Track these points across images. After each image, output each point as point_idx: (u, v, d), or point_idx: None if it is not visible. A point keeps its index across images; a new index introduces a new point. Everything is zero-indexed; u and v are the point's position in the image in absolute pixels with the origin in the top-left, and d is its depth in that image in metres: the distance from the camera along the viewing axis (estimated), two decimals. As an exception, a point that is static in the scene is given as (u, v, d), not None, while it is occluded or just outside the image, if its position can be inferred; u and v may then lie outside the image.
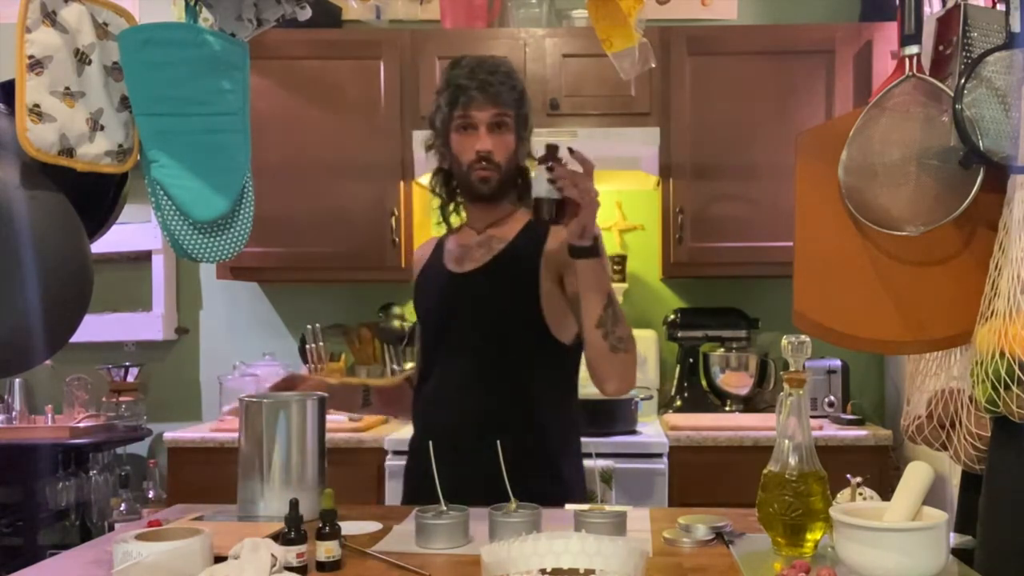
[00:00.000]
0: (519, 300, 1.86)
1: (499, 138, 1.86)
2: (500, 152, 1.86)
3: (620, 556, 1.19)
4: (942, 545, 1.21)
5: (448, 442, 1.74)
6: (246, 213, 1.71)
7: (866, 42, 3.11)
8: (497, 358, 1.86)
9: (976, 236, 1.51)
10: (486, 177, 1.87)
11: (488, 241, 1.93)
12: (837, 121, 1.88)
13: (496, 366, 1.87)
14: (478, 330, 1.89)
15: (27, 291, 1.51)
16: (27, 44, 1.50)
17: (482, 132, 1.85)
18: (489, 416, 1.83)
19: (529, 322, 1.86)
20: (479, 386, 1.87)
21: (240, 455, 1.70)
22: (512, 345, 1.87)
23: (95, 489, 3.21)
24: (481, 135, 1.85)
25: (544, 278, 1.85)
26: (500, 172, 1.87)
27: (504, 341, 1.87)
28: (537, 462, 1.82)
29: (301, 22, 1.85)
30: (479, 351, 1.88)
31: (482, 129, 1.86)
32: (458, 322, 1.92)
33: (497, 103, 1.85)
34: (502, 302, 1.88)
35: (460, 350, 1.90)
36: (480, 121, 1.85)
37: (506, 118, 1.86)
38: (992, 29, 1.53)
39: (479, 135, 1.85)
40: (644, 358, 3.33)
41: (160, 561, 1.26)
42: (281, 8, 1.76)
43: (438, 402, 1.92)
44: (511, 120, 1.87)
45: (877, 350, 1.75)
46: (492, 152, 1.85)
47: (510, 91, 1.87)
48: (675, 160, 3.16)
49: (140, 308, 3.56)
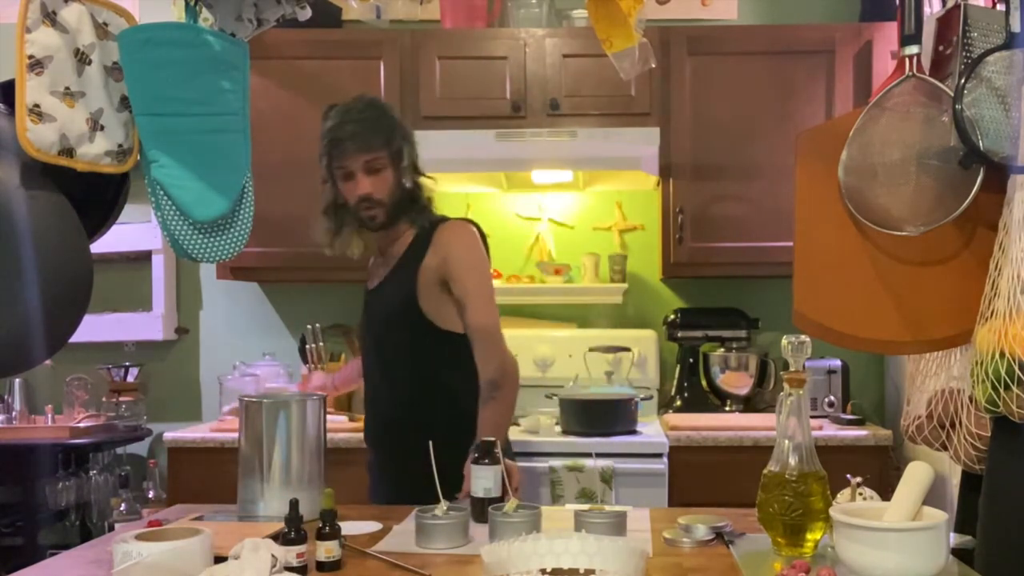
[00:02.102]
0: (400, 296, 2.11)
1: (377, 178, 2.10)
2: (380, 190, 2.10)
3: (620, 556, 1.19)
4: (942, 545, 1.21)
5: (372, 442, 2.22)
6: (246, 213, 1.71)
7: (866, 42, 3.11)
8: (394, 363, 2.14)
9: (976, 236, 1.51)
10: (372, 215, 2.12)
11: (387, 260, 2.21)
12: (837, 121, 1.88)
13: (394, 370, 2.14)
14: (379, 340, 2.17)
15: (27, 291, 1.51)
16: (27, 44, 1.50)
17: (359, 177, 2.09)
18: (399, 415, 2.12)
19: (416, 322, 2.10)
20: (385, 390, 2.16)
21: (240, 455, 1.70)
22: (412, 349, 2.11)
23: (95, 489, 3.21)
24: (359, 180, 2.09)
25: (422, 285, 2.09)
26: (385, 206, 2.11)
27: (398, 345, 2.12)
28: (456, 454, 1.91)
29: (301, 22, 1.85)
30: (380, 361, 2.17)
31: (359, 175, 2.09)
32: (368, 335, 2.23)
33: (367, 149, 2.07)
34: (392, 313, 2.13)
35: (370, 360, 2.22)
36: (355, 168, 2.09)
37: (378, 160, 2.09)
38: (992, 29, 1.53)
39: (357, 180, 2.09)
40: (644, 358, 3.33)
41: (160, 561, 1.26)
42: (281, 8, 1.76)
43: (365, 405, 2.25)
44: (385, 158, 2.09)
45: (877, 350, 1.75)
46: (371, 193, 2.09)
47: (377, 133, 2.08)
48: (675, 160, 3.16)
49: (140, 308, 3.56)
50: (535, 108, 3.17)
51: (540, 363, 3.37)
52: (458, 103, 3.14)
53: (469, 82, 3.17)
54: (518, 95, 3.16)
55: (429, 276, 2.09)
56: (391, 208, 2.12)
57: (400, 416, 2.12)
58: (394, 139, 2.12)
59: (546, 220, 3.54)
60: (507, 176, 3.32)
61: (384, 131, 2.10)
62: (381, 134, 2.09)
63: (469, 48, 3.18)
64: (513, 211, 3.55)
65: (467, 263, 2.11)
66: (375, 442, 2.23)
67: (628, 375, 3.23)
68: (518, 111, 3.15)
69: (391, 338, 2.14)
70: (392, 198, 2.12)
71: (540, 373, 3.35)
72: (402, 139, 2.14)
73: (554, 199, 3.54)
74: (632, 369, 3.25)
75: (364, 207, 2.10)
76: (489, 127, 3.07)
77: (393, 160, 2.11)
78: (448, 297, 2.10)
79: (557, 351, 3.37)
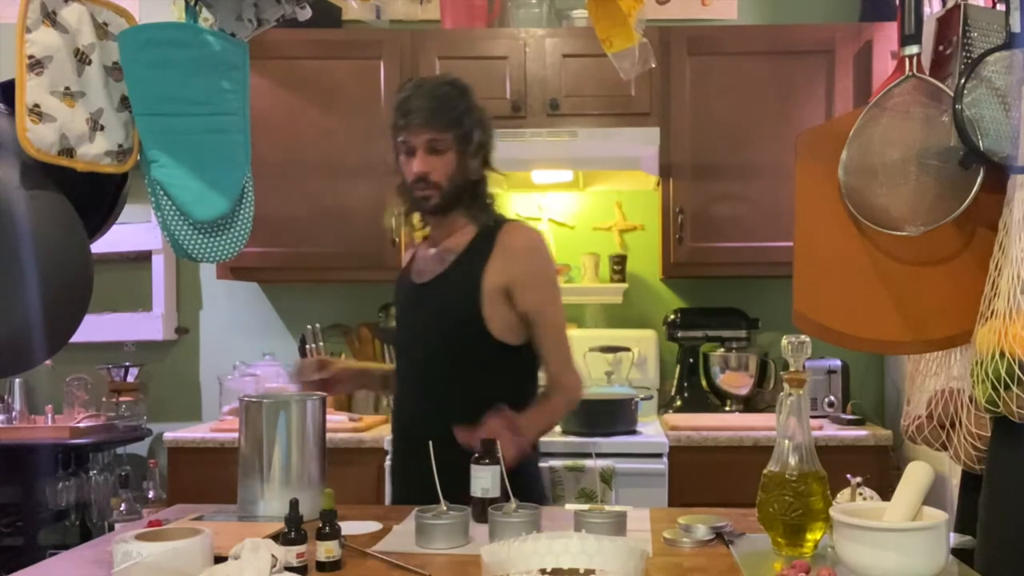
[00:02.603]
0: (463, 307, 1.96)
1: (437, 159, 1.96)
2: (438, 172, 1.96)
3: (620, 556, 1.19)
4: (942, 545, 1.21)
5: (405, 443, 2.01)
6: (246, 213, 1.71)
7: (866, 42, 3.11)
8: (445, 367, 1.97)
9: (976, 236, 1.51)
10: (425, 196, 1.98)
11: (441, 254, 2.04)
12: (837, 121, 1.88)
13: (444, 374, 1.97)
14: (429, 341, 2.00)
15: (27, 291, 1.51)
16: (27, 44, 1.50)
17: (419, 154, 1.96)
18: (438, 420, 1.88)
19: (474, 329, 1.95)
20: (429, 392, 1.99)
21: (240, 455, 1.70)
22: (456, 350, 1.97)
23: (95, 489, 3.21)
24: (419, 157, 1.96)
25: (486, 291, 1.94)
26: (440, 190, 1.97)
27: (450, 347, 1.97)
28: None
29: (301, 22, 1.85)
30: (429, 361, 1.99)
31: (419, 152, 1.96)
32: (413, 332, 2.06)
33: (430, 127, 1.94)
34: (448, 310, 1.98)
35: (414, 359, 2.04)
36: (416, 144, 1.96)
37: (442, 141, 1.95)
38: (992, 29, 1.53)
39: (417, 158, 1.96)
40: (644, 358, 3.33)
41: (160, 561, 1.26)
42: (281, 8, 1.76)
43: (399, 404, 2.07)
44: (449, 140, 1.96)
45: (877, 350, 1.75)
46: (428, 173, 1.96)
47: (445, 113, 1.95)
48: (675, 160, 3.16)
49: (140, 308, 3.56)
50: (535, 108, 3.17)
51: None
52: (458, 103, 3.14)
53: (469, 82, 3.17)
54: (518, 95, 3.16)
55: (493, 281, 1.95)
56: (448, 193, 1.98)
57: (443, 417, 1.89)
58: (463, 122, 1.98)
59: (546, 220, 3.54)
60: (507, 176, 3.28)
61: (454, 112, 1.97)
62: (450, 114, 1.96)
63: (469, 48, 3.18)
64: (513, 211, 3.55)
65: (537, 276, 1.99)
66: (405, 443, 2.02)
67: (628, 375, 3.23)
68: (518, 111, 3.15)
69: (445, 340, 1.98)
70: (451, 183, 1.98)
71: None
72: (474, 125, 2.00)
73: (554, 199, 3.54)
74: (632, 369, 3.25)
75: (419, 187, 1.97)
76: (489, 127, 3.07)
77: (459, 144, 1.97)
78: (507, 306, 1.95)
79: (557, 351, 3.37)
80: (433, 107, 1.95)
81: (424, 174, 1.96)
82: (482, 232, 2.01)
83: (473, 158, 2.00)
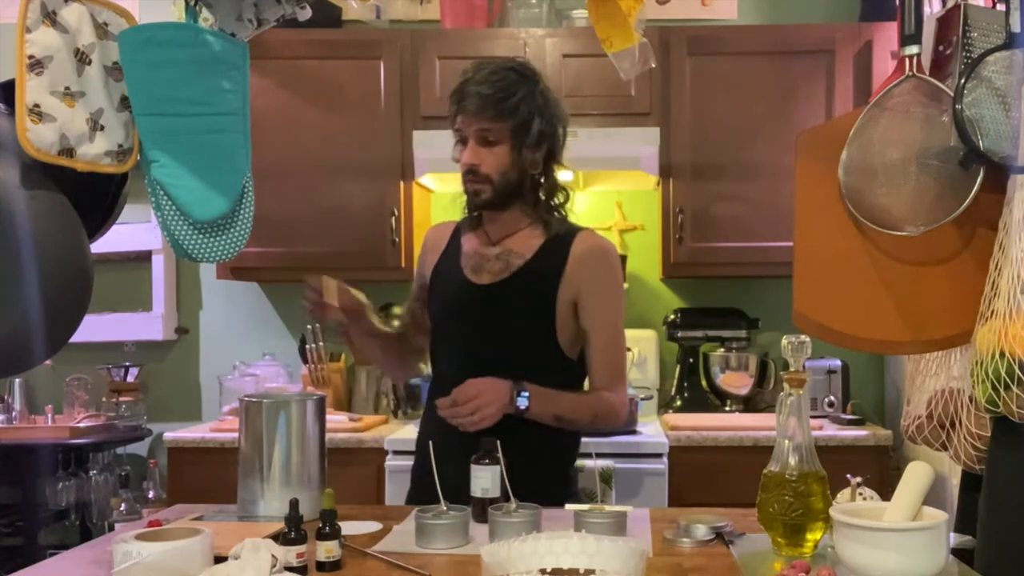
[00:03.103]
0: (535, 319, 1.88)
1: (489, 151, 1.84)
2: (489, 165, 1.85)
3: (620, 556, 1.19)
4: (942, 545, 1.21)
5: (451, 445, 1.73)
6: (246, 213, 1.71)
7: (866, 42, 3.11)
8: (506, 371, 1.84)
9: (976, 236, 1.51)
10: (476, 190, 1.87)
11: (505, 255, 1.92)
12: (837, 121, 1.88)
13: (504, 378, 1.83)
14: (490, 343, 1.89)
15: (27, 291, 1.51)
16: (27, 44, 1.49)
17: (471, 144, 1.85)
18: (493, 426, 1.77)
19: (542, 341, 1.88)
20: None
21: (240, 455, 1.70)
22: (522, 360, 1.87)
23: (95, 489, 3.21)
24: (469, 148, 1.86)
25: (560, 301, 1.87)
26: (492, 184, 1.86)
27: (515, 356, 1.87)
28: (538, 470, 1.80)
29: (301, 22, 1.84)
30: (489, 363, 1.85)
31: (471, 141, 1.85)
32: (471, 332, 1.92)
33: (482, 116, 1.82)
34: (517, 319, 1.88)
35: (470, 359, 1.89)
36: (468, 133, 1.85)
37: (494, 132, 1.83)
38: (992, 29, 1.53)
39: (468, 148, 1.86)
40: (644, 358, 3.33)
41: (160, 561, 1.25)
42: (281, 8, 1.76)
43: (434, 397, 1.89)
44: (504, 131, 1.83)
45: (877, 350, 1.75)
46: (478, 165, 1.85)
47: (501, 102, 1.82)
48: (675, 160, 3.16)
49: (140, 308, 3.56)
50: (535, 108, 3.16)
51: (540, 363, 3.37)
52: (458, 103, 3.14)
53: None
54: (518, 95, 3.16)
55: (566, 295, 1.87)
56: (501, 188, 1.86)
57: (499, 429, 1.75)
58: (521, 111, 1.83)
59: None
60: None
61: (511, 99, 1.82)
62: (506, 102, 1.82)
63: (469, 48, 3.18)
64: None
65: (605, 289, 1.90)
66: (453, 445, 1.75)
67: (628, 375, 3.23)
68: (518, 111, 3.15)
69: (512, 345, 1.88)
70: (504, 178, 1.85)
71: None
72: (535, 115, 1.85)
73: (554, 199, 3.54)
74: (632, 369, 3.25)
75: (469, 178, 1.86)
76: (489, 127, 3.07)
77: (514, 135, 1.84)
78: (575, 319, 1.89)
79: (557, 351, 3.37)
80: (488, 94, 1.81)
81: (474, 166, 1.85)
82: (553, 239, 1.90)
83: (533, 151, 1.87)
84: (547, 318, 1.87)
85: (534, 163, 1.88)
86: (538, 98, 1.87)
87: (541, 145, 1.88)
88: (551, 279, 1.88)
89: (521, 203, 1.91)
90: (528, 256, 1.91)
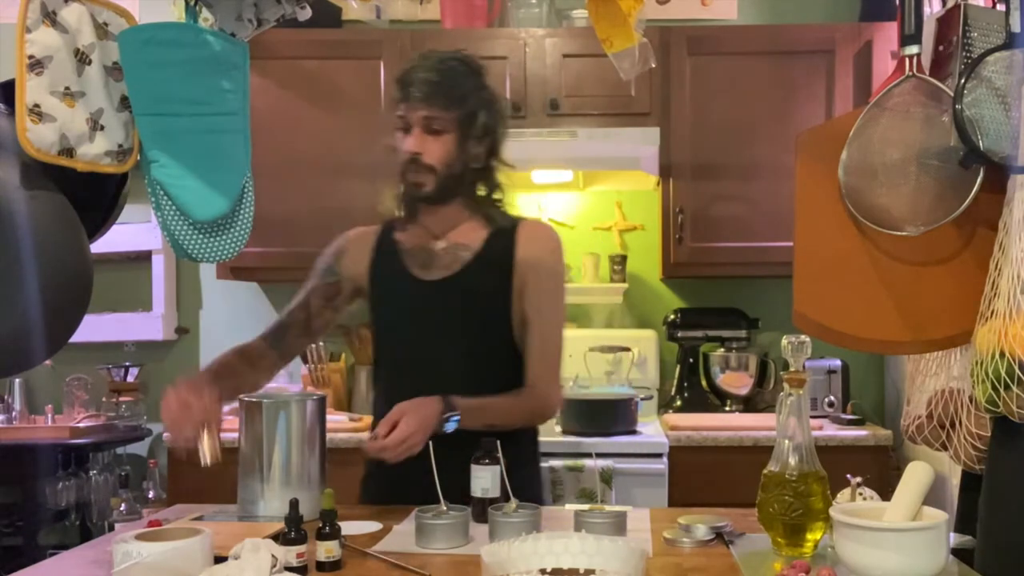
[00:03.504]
0: (491, 311, 1.86)
1: (434, 139, 1.80)
2: (432, 154, 1.80)
3: (620, 556, 1.19)
4: (942, 545, 1.21)
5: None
6: (246, 213, 1.71)
7: (866, 42, 3.11)
8: (469, 369, 1.84)
9: (976, 236, 1.51)
10: (418, 182, 1.83)
11: (453, 248, 1.89)
12: (837, 121, 1.88)
13: (467, 377, 1.83)
14: (444, 339, 1.86)
15: (27, 291, 1.51)
16: (27, 44, 1.49)
17: (415, 132, 1.80)
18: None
19: (496, 334, 1.86)
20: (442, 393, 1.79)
21: (240, 455, 1.70)
22: (475, 355, 1.86)
23: (95, 489, 3.20)
24: (413, 135, 1.81)
25: (514, 290, 1.86)
26: (435, 175, 1.82)
27: (469, 351, 1.85)
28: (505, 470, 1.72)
29: (301, 22, 1.84)
30: (451, 362, 1.84)
31: (415, 129, 1.81)
32: (424, 331, 1.88)
33: (430, 104, 1.78)
34: (473, 313, 1.86)
35: (430, 359, 1.87)
36: (413, 121, 1.81)
37: (440, 120, 1.79)
38: (992, 29, 1.53)
39: (412, 135, 1.81)
40: (644, 358, 3.33)
41: (160, 561, 1.25)
42: (281, 8, 1.76)
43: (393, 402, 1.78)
44: (450, 121, 1.80)
45: (877, 350, 1.75)
46: (421, 155, 1.80)
47: (449, 90, 1.79)
48: (675, 160, 3.16)
49: (140, 308, 3.55)
50: (535, 108, 3.17)
51: (540, 363, 3.37)
52: (458, 103, 3.13)
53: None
54: (518, 95, 3.16)
55: (518, 281, 1.86)
56: (442, 180, 1.82)
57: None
58: (468, 103, 1.81)
59: (546, 220, 3.54)
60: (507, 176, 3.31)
61: (460, 90, 1.80)
62: (455, 91, 1.79)
63: (469, 48, 3.15)
64: (513, 211, 3.55)
65: (546, 275, 1.88)
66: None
67: (628, 375, 3.23)
68: (518, 111, 3.15)
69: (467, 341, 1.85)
70: (448, 169, 1.82)
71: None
72: (481, 107, 1.83)
73: (554, 199, 3.54)
74: (632, 369, 3.25)
75: (411, 168, 1.82)
76: (489, 127, 3.07)
77: (461, 126, 1.81)
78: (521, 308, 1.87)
79: (557, 351, 3.37)
80: (436, 82, 1.78)
81: (416, 155, 1.80)
82: (497, 230, 1.88)
83: (477, 143, 1.84)
84: (503, 309, 1.85)
85: (477, 156, 1.86)
86: (484, 92, 1.86)
87: (485, 139, 1.86)
88: (503, 268, 1.85)
89: (462, 197, 1.88)
90: (476, 247, 1.87)
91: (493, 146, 1.89)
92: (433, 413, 1.69)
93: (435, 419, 1.69)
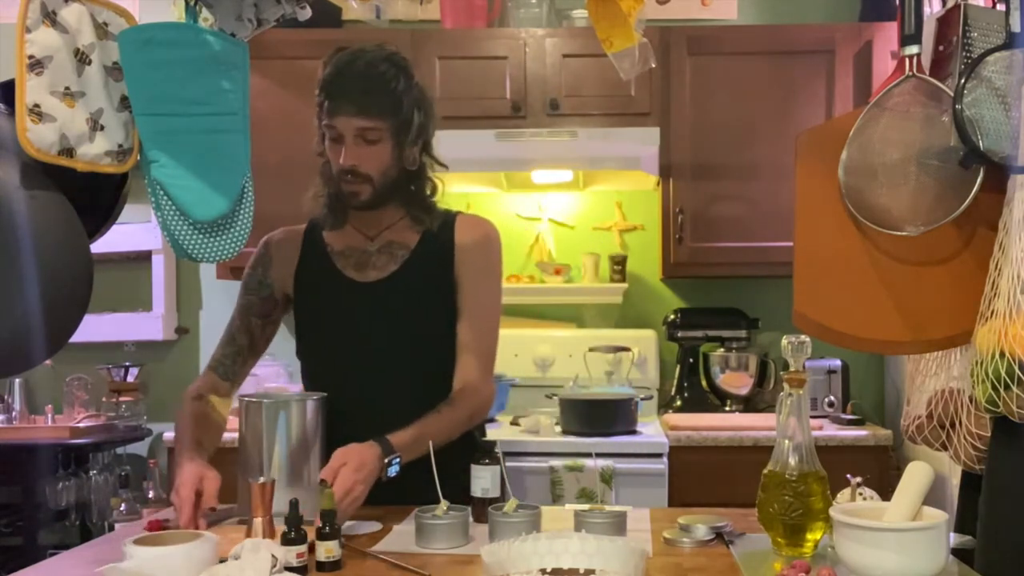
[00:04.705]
0: (433, 308, 1.83)
1: (368, 150, 1.77)
2: (369, 164, 1.77)
3: (620, 556, 1.19)
4: (942, 545, 1.21)
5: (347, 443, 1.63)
6: (246, 213, 1.70)
7: (866, 42, 3.11)
8: (415, 367, 1.83)
9: (976, 236, 1.51)
10: (355, 192, 1.80)
11: (388, 248, 1.86)
12: (837, 121, 1.88)
13: (411, 376, 1.82)
14: (385, 342, 1.83)
15: (27, 291, 1.51)
16: (27, 44, 1.49)
17: (348, 144, 1.76)
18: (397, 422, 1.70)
19: (440, 330, 1.84)
20: (393, 400, 1.79)
21: (240, 455, 1.70)
22: (418, 355, 1.84)
23: (95, 489, 3.21)
24: (347, 148, 1.76)
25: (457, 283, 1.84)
26: (372, 183, 1.79)
27: (411, 351, 1.83)
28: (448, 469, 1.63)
29: (301, 22, 1.84)
30: (384, 365, 1.82)
31: (348, 140, 1.76)
32: (363, 335, 1.84)
33: (364, 114, 1.74)
34: (414, 311, 1.83)
35: (371, 363, 1.83)
36: (345, 132, 1.76)
37: (376, 131, 1.76)
38: (992, 29, 1.53)
39: (345, 148, 1.77)
40: (644, 358, 3.33)
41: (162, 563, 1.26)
42: (281, 8, 1.75)
43: (350, 416, 1.77)
44: (385, 130, 1.76)
45: (877, 350, 1.75)
46: (357, 166, 1.77)
47: (382, 98, 1.75)
48: (675, 160, 3.16)
49: (140, 308, 3.56)
50: (535, 108, 3.17)
51: (540, 363, 3.37)
52: (458, 103, 3.13)
53: (469, 82, 3.17)
54: (518, 95, 3.16)
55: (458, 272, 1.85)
56: (380, 188, 1.80)
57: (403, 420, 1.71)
58: (402, 108, 1.77)
59: (546, 220, 3.54)
60: (507, 176, 3.32)
61: (392, 96, 1.75)
62: (387, 98, 1.75)
63: (469, 48, 3.18)
64: (513, 211, 3.55)
65: (480, 265, 1.85)
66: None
67: (628, 375, 3.23)
68: (518, 111, 3.15)
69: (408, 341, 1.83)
70: (385, 177, 1.79)
71: (540, 373, 3.35)
72: (415, 109, 1.79)
73: (554, 199, 3.55)
74: (632, 369, 3.26)
75: (347, 180, 1.78)
76: (489, 127, 3.08)
77: (396, 134, 1.78)
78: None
79: (557, 351, 3.37)
80: (367, 90, 1.74)
81: (353, 167, 1.76)
82: (433, 226, 1.86)
83: (411, 147, 1.81)
84: (446, 303, 1.84)
85: (413, 159, 1.83)
86: (415, 90, 1.81)
87: (419, 140, 1.83)
88: (443, 262, 1.84)
89: (397, 199, 1.86)
90: (412, 245, 1.86)
91: (426, 144, 1.86)
92: (372, 458, 1.60)
93: (375, 465, 1.60)
